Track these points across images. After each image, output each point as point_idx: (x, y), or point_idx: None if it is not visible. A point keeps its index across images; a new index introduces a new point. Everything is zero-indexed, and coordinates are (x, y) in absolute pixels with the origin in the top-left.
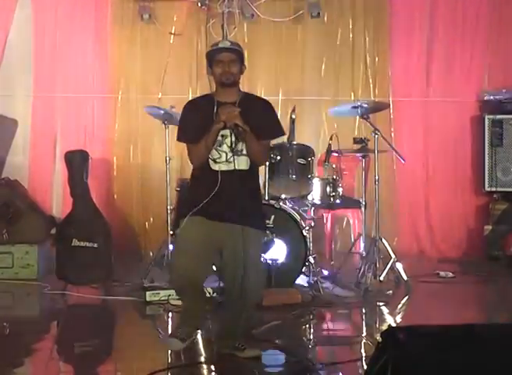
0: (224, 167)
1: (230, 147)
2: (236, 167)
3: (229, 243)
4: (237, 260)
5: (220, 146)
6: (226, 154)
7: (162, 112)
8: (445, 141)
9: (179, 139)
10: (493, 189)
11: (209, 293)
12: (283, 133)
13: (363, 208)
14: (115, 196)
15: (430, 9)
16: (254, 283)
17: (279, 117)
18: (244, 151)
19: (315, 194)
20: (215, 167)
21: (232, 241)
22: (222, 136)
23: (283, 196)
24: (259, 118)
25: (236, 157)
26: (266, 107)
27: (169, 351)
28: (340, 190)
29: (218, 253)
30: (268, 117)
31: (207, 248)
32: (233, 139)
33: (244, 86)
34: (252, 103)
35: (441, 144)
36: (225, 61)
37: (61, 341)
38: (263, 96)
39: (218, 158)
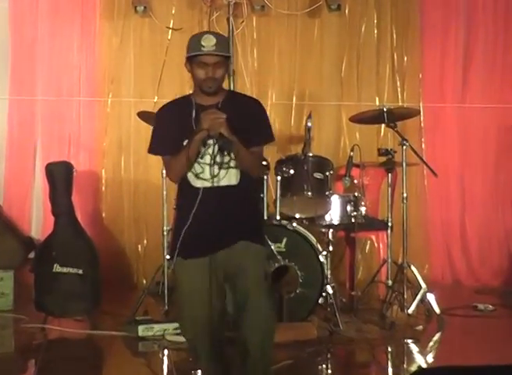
0: (208, 183)
1: (213, 159)
2: (221, 183)
3: (230, 268)
4: (240, 279)
5: (202, 158)
6: (210, 167)
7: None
8: (484, 152)
9: (151, 151)
10: None
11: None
12: (274, 139)
13: (389, 231)
14: (104, 214)
15: (468, 2)
16: (263, 303)
17: (291, 124)
18: (232, 163)
19: (334, 214)
20: (197, 184)
21: (233, 263)
22: (205, 145)
23: (297, 216)
24: (248, 120)
25: (222, 171)
26: (256, 107)
27: None
28: (363, 209)
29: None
30: (258, 119)
31: (210, 288)
32: (216, 150)
33: (253, 89)
34: (239, 103)
35: (479, 156)
36: (209, 63)
37: None
38: (274, 101)
39: (201, 172)
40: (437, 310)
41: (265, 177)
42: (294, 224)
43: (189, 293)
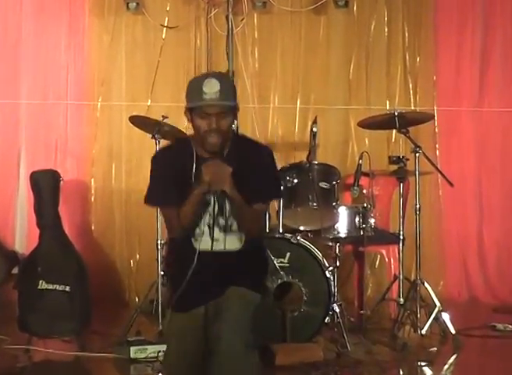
0: (205, 246)
1: (213, 219)
2: (222, 248)
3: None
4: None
5: (201, 218)
6: (210, 229)
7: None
8: (502, 159)
9: (148, 202)
10: None
11: None
12: (280, 196)
13: (400, 244)
14: (93, 227)
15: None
16: (237, 349)
17: (295, 129)
18: (235, 226)
19: (341, 226)
20: (195, 245)
21: (218, 308)
22: (205, 202)
23: (302, 228)
24: (256, 174)
25: (223, 234)
26: (266, 159)
27: None
28: (372, 221)
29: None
30: (267, 173)
31: (200, 348)
32: (216, 209)
33: (254, 92)
34: (246, 151)
35: (497, 163)
36: (211, 114)
37: None
38: (277, 104)
39: (199, 234)
40: (452, 330)
41: None
42: (298, 237)
43: (176, 351)
